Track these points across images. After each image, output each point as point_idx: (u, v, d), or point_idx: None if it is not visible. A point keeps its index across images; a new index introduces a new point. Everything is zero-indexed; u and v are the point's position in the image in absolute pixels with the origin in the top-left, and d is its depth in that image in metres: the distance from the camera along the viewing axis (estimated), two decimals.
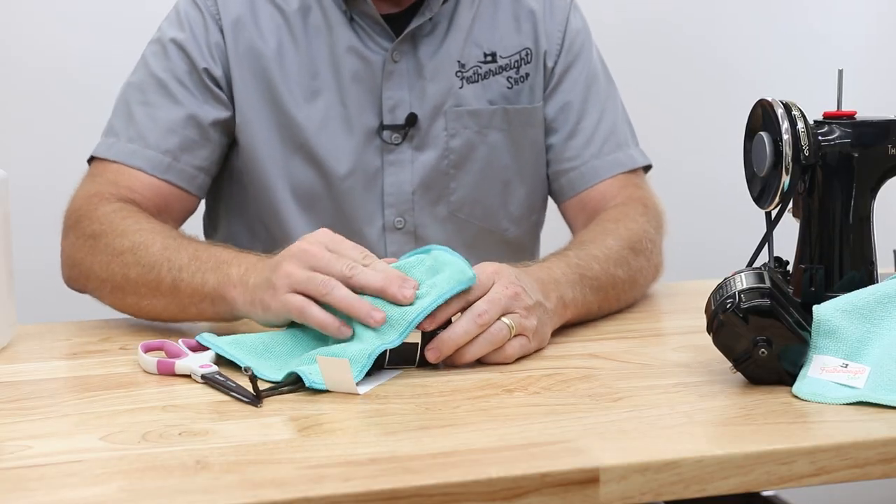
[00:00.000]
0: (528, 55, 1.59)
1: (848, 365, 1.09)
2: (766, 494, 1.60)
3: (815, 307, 1.11)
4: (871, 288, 1.13)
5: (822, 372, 1.09)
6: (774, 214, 1.17)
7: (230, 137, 1.54)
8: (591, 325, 1.37)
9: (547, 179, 1.63)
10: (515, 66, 1.58)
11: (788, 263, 1.21)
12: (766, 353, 1.08)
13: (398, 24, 1.54)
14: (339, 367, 1.09)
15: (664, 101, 2.39)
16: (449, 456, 0.94)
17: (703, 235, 2.35)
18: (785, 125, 1.14)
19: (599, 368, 1.19)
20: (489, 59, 1.57)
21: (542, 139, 1.62)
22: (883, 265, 1.21)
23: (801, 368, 1.10)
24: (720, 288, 1.10)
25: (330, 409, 1.06)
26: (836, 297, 1.13)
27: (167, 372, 1.17)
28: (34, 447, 0.97)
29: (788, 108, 1.15)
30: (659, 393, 1.11)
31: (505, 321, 1.19)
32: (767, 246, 1.17)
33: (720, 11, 2.43)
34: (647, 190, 1.61)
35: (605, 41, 1.73)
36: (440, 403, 1.08)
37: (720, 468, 0.94)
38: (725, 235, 2.24)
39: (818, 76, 1.88)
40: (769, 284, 1.08)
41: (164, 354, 1.21)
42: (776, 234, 1.17)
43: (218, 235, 1.64)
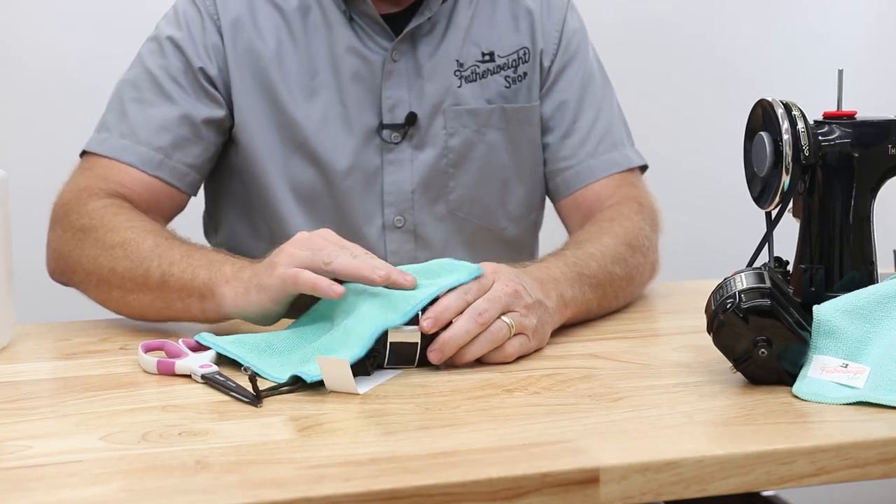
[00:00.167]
0: (525, 54, 1.59)
1: (848, 365, 1.09)
2: (766, 494, 1.60)
3: (815, 307, 1.11)
4: (871, 288, 1.13)
5: (822, 372, 1.09)
6: (774, 214, 1.17)
7: (224, 136, 1.54)
8: (591, 324, 1.37)
9: (544, 178, 1.64)
10: (513, 65, 1.58)
11: (788, 263, 1.21)
12: (766, 353, 1.08)
13: (397, 23, 1.54)
14: (338, 366, 1.09)
15: (664, 100, 2.39)
16: (449, 456, 0.94)
17: (702, 235, 2.35)
18: (785, 125, 1.14)
19: (599, 368, 1.19)
20: (487, 58, 1.57)
21: (539, 138, 1.62)
22: (883, 265, 1.21)
23: (801, 368, 1.10)
24: (720, 288, 1.10)
25: (330, 409, 1.06)
26: (836, 297, 1.13)
27: (167, 372, 1.17)
28: (34, 447, 0.97)
29: (788, 108, 1.15)
30: (659, 393, 1.11)
31: (505, 320, 1.19)
32: (767, 246, 1.17)
33: (720, 11, 2.43)
34: (642, 189, 1.61)
35: (604, 41, 1.73)
36: (440, 403, 1.08)
37: (720, 468, 0.94)
38: (725, 235, 2.24)
39: (818, 76, 1.88)
40: (769, 284, 1.08)
41: (164, 354, 1.21)
42: (776, 234, 1.17)
43: (219, 235, 1.64)
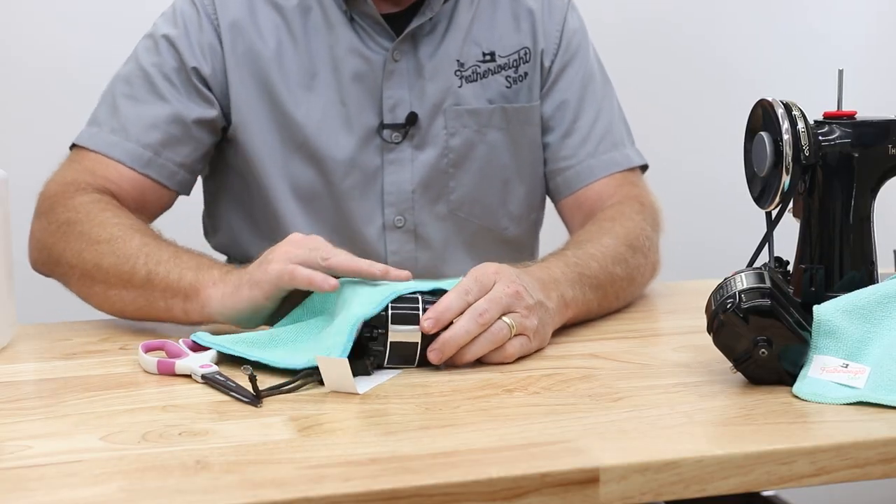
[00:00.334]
0: (526, 54, 1.59)
1: (848, 365, 1.08)
2: (766, 494, 1.60)
3: (815, 307, 1.11)
4: (871, 288, 1.13)
5: (822, 372, 1.09)
6: (774, 214, 1.17)
7: (216, 136, 1.54)
8: (591, 325, 1.37)
9: (545, 178, 1.64)
10: (514, 65, 1.58)
11: (788, 263, 1.21)
12: (766, 353, 1.08)
13: (398, 23, 1.54)
14: (338, 366, 1.09)
15: (664, 100, 2.39)
16: (449, 456, 0.93)
17: (702, 235, 2.35)
18: (785, 125, 1.13)
19: (599, 368, 1.19)
20: (488, 58, 1.57)
21: (540, 138, 1.62)
22: (883, 265, 1.20)
23: (801, 368, 1.10)
24: (720, 288, 1.10)
25: (330, 409, 1.06)
26: (836, 297, 1.13)
27: (167, 372, 1.17)
28: (34, 447, 0.97)
29: (788, 108, 1.15)
30: (659, 393, 1.11)
31: (505, 320, 1.19)
32: (767, 246, 1.17)
33: (720, 11, 2.43)
34: (643, 188, 1.61)
35: (604, 41, 1.73)
36: (440, 403, 1.08)
37: (720, 468, 0.94)
38: (725, 235, 2.24)
39: (818, 76, 1.88)
40: (769, 284, 1.08)
41: (164, 354, 1.21)
42: (776, 234, 1.17)
43: (219, 235, 1.64)
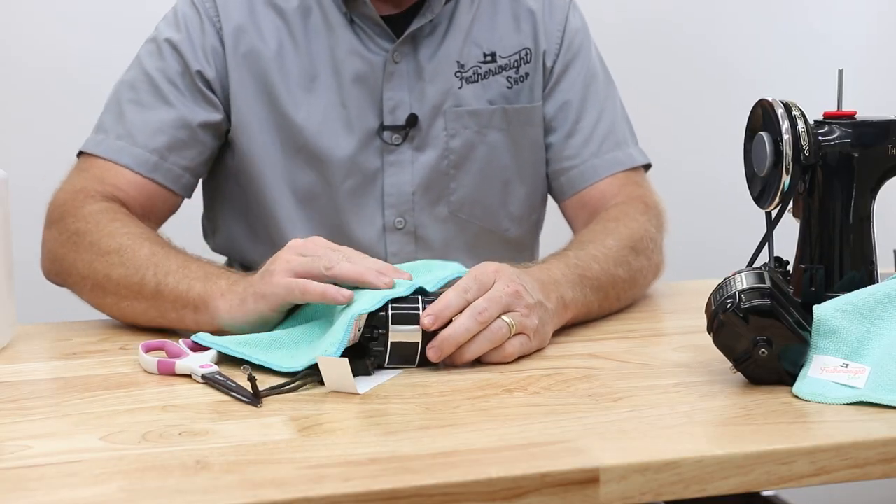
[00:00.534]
0: (527, 55, 1.59)
1: (848, 365, 1.08)
2: (766, 494, 1.60)
3: (815, 307, 1.11)
4: (871, 288, 1.13)
5: (822, 372, 1.09)
6: (774, 214, 1.17)
7: (221, 139, 1.54)
8: (591, 325, 1.37)
9: (546, 178, 1.63)
10: (515, 65, 1.58)
11: (788, 263, 1.21)
12: (766, 353, 1.08)
13: (398, 25, 1.54)
14: (338, 366, 1.09)
15: (664, 100, 2.39)
16: (449, 456, 0.93)
17: (703, 235, 2.35)
18: (785, 125, 1.13)
19: (599, 368, 1.19)
20: (489, 59, 1.57)
21: (541, 138, 1.61)
22: (883, 265, 1.20)
23: (801, 368, 1.10)
24: (720, 288, 1.10)
25: (330, 409, 1.06)
26: (836, 297, 1.13)
27: (167, 372, 1.17)
28: (34, 447, 0.97)
29: (788, 108, 1.15)
30: (659, 393, 1.11)
31: (505, 319, 1.19)
32: (767, 246, 1.17)
33: (720, 11, 2.43)
34: (647, 188, 1.61)
35: (605, 40, 1.73)
36: (440, 403, 1.08)
37: (720, 468, 0.94)
38: (725, 235, 2.24)
39: (818, 76, 1.88)
40: (769, 284, 1.08)
41: (164, 354, 1.21)
42: (776, 234, 1.17)
43: (217, 237, 1.64)
